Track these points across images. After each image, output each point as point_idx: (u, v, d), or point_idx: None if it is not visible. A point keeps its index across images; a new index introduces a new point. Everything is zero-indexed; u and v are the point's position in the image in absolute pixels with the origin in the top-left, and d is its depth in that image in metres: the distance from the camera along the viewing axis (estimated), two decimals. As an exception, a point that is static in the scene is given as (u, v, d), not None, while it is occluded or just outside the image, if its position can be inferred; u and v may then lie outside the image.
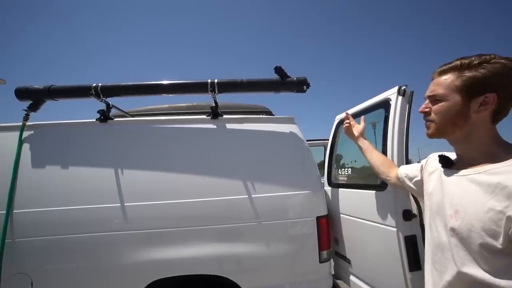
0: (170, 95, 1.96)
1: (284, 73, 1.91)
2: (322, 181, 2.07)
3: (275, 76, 1.92)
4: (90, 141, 1.83)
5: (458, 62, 0.76)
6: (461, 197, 0.73)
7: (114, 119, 1.92)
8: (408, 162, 1.48)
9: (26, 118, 1.84)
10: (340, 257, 2.02)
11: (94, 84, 1.83)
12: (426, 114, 0.83)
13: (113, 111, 2.02)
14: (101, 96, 1.85)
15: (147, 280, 1.65)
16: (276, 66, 1.90)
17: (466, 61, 0.75)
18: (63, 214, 1.66)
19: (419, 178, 1.06)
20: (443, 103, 0.78)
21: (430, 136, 0.83)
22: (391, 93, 1.59)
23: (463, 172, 0.77)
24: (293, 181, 1.85)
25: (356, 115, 1.84)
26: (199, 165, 1.82)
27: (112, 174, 1.75)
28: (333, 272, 2.07)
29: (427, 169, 0.97)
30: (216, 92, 1.87)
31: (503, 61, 0.72)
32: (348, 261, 1.91)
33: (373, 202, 1.63)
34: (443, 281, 0.76)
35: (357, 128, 1.60)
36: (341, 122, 2.22)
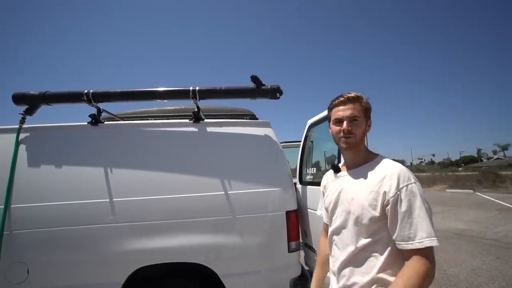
0: (155, 101, 2.15)
1: (259, 81, 2.10)
2: (294, 180, 2.28)
3: (251, 84, 2.11)
4: (83, 143, 2.01)
5: (357, 95, 1.10)
6: (355, 187, 1.07)
7: (105, 122, 2.09)
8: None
9: (22, 121, 2.00)
10: (309, 248, 2.24)
11: (86, 91, 2.00)
12: (349, 132, 1.08)
13: (104, 114, 2.19)
14: (92, 101, 2.02)
15: (132, 267, 1.83)
16: (252, 75, 2.09)
17: (359, 94, 1.11)
18: (56, 208, 1.84)
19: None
20: (358, 125, 1.08)
21: (351, 147, 1.10)
22: None
23: (352, 171, 1.12)
24: (266, 179, 2.05)
25: (318, 122, 2.04)
26: (181, 164, 2.01)
27: (102, 173, 1.93)
28: (303, 262, 2.28)
29: (325, 187, 1.30)
30: (197, 98, 2.05)
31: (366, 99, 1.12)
32: (314, 251, 2.13)
33: None
34: (343, 253, 1.05)
35: None
36: (312, 125, 2.43)
